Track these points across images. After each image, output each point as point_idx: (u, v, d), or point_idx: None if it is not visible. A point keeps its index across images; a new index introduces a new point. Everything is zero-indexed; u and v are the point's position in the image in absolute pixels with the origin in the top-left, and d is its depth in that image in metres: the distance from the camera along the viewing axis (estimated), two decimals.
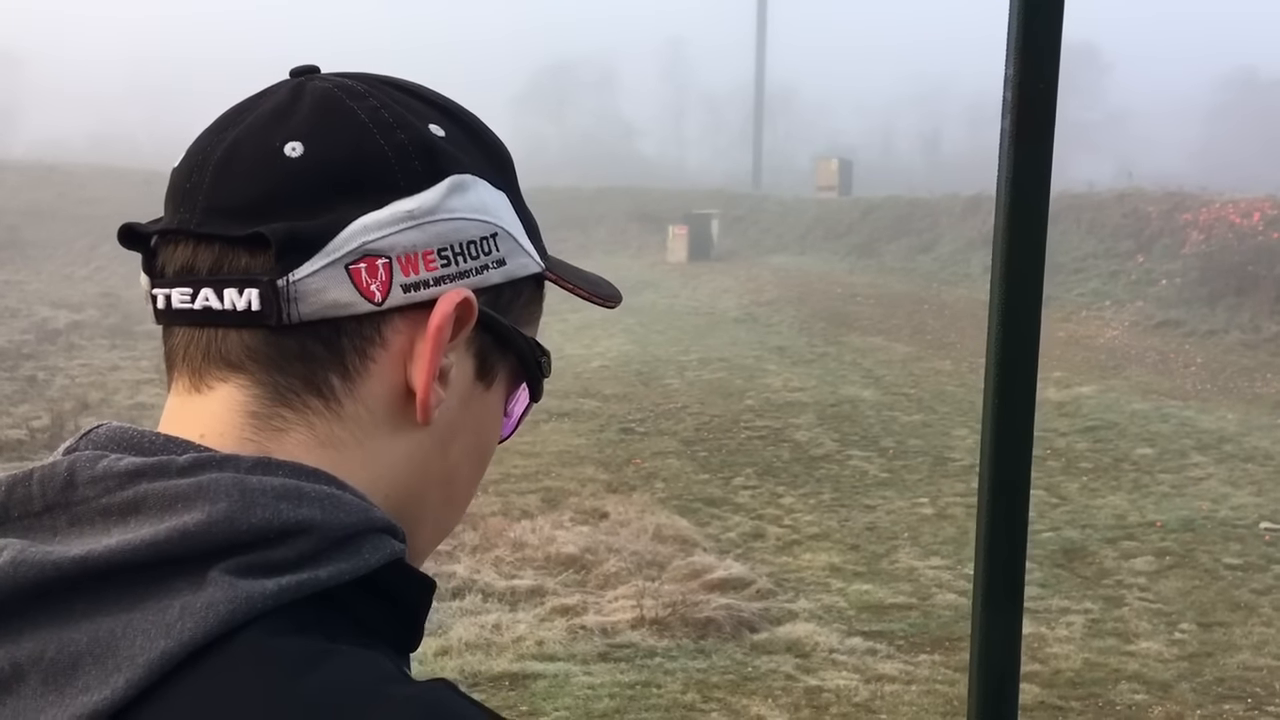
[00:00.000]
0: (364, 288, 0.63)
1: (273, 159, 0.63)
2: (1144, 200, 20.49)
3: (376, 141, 0.64)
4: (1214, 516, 8.44)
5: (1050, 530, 8.18)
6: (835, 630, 6.32)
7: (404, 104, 0.67)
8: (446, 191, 0.65)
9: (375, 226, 0.63)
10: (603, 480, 9.37)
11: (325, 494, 0.60)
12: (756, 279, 21.77)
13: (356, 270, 0.62)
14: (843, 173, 30.16)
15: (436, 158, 0.65)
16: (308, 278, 0.62)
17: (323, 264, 0.62)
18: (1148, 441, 10.63)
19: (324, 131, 0.64)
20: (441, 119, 0.68)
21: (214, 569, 0.55)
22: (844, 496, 9.15)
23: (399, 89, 0.68)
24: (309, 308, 0.62)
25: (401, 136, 0.65)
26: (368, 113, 0.65)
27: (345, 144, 0.64)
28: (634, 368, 14.24)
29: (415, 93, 0.69)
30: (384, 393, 0.65)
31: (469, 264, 0.66)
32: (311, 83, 0.67)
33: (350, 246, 0.62)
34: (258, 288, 0.62)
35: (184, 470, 0.59)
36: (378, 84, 0.68)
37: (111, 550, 0.56)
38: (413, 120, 0.66)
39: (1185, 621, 6.52)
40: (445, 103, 0.70)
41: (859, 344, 15.88)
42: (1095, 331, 16.51)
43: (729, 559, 7.38)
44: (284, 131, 0.64)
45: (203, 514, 0.56)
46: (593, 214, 28.37)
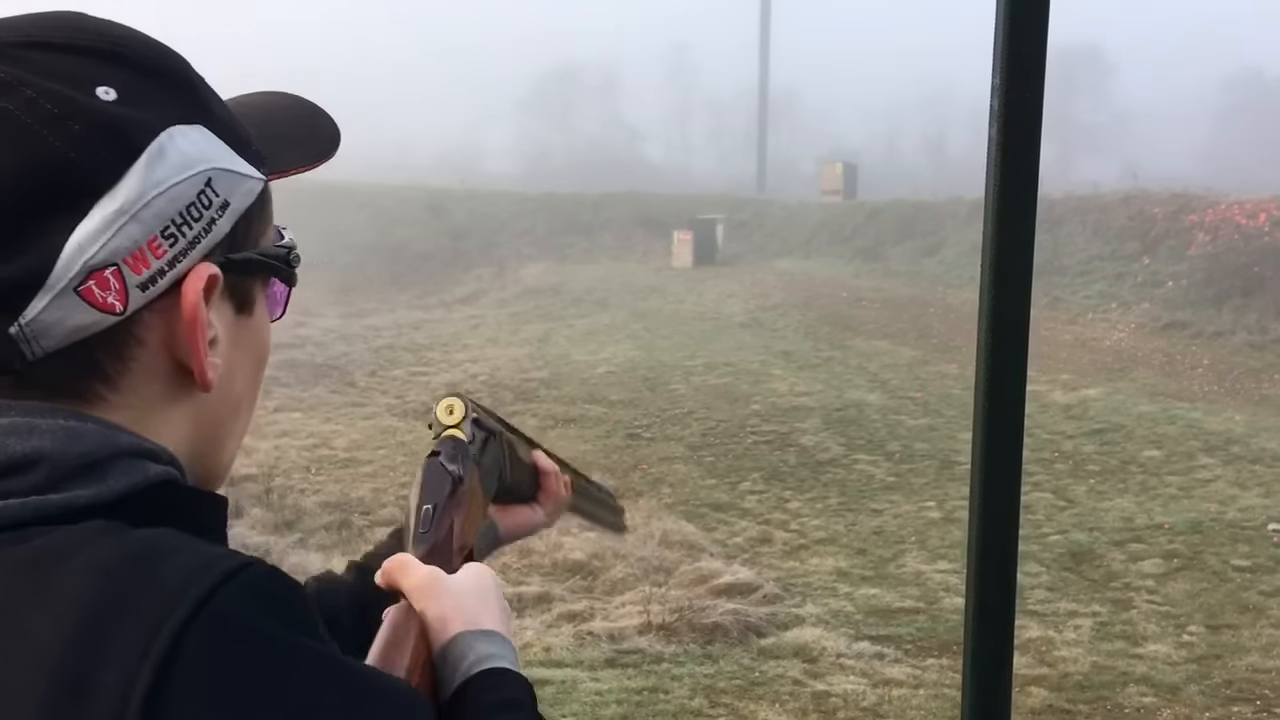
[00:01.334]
0: (101, 303, 0.59)
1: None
2: (1149, 202, 20.45)
3: (51, 145, 0.58)
4: (1222, 518, 8.42)
5: (1058, 533, 8.17)
6: (842, 635, 6.31)
7: (59, 75, 0.60)
8: (146, 167, 0.60)
9: (90, 240, 0.58)
10: (609, 486, 9.36)
11: (60, 426, 0.58)
12: (761, 283, 21.77)
13: (88, 290, 0.59)
14: (847, 176, 30.16)
15: (123, 134, 0.60)
16: (39, 316, 0.58)
17: (49, 298, 0.58)
18: (1155, 444, 10.61)
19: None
20: (108, 72, 0.61)
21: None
22: (850, 501, 9.14)
23: (44, 49, 0.61)
24: (52, 340, 0.59)
25: (76, 127, 0.58)
26: (28, 110, 0.58)
27: (21, 162, 0.57)
28: (640, 373, 14.25)
29: (65, 46, 0.61)
30: (154, 378, 0.63)
31: (195, 229, 0.62)
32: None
33: (72, 271, 0.58)
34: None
35: None
36: (17, 55, 0.60)
37: None
38: (79, 98, 0.59)
39: (1194, 624, 6.50)
40: (100, 42, 0.63)
41: (864, 348, 15.87)
42: (1101, 334, 16.48)
43: (736, 564, 7.38)
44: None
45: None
46: (598, 219, 28.39)
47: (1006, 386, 1.40)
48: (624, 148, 51.32)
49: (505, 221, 28.04)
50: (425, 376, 14.65)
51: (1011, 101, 1.26)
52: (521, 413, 12.27)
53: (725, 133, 54.74)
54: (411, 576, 0.80)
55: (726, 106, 54.76)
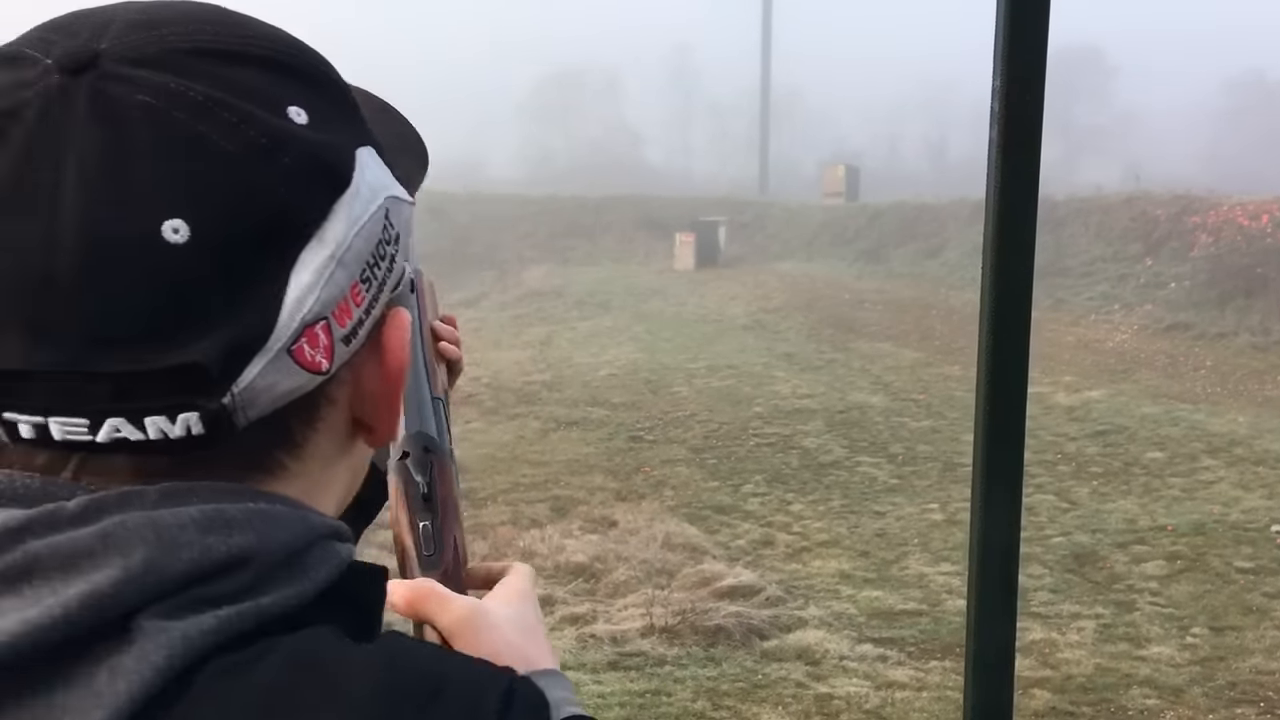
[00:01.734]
0: (310, 363, 0.51)
1: (155, 252, 0.46)
2: (1152, 203, 20.44)
3: (264, 180, 0.49)
4: (1225, 520, 8.41)
5: (1061, 535, 8.16)
6: (845, 637, 6.31)
7: (249, 92, 0.50)
8: (348, 203, 0.52)
9: (306, 292, 0.50)
10: (611, 488, 9.37)
11: (254, 512, 0.50)
12: (764, 285, 21.77)
13: (299, 350, 0.50)
14: (849, 179, 30.17)
15: (329, 166, 0.52)
16: (253, 381, 0.49)
17: (266, 361, 0.49)
18: (1158, 445, 10.59)
19: (199, 189, 0.47)
20: (292, 88, 0.52)
21: (139, 617, 0.46)
22: (853, 503, 9.13)
23: (226, 59, 0.50)
24: (257, 410, 0.50)
25: (286, 161, 0.49)
26: (230, 137, 0.48)
27: (234, 202, 0.48)
28: (642, 376, 14.25)
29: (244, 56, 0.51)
30: (333, 439, 0.56)
31: (383, 269, 0.54)
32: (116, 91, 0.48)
33: (291, 329, 0.50)
34: (197, 410, 0.48)
35: (77, 518, 0.47)
36: (195, 68, 0.49)
37: (15, 635, 0.45)
38: (279, 122, 0.50)
39: (1197, 625, 6.49)
40: (277, 53, 0.53)
41: (867, 350, 15.87)
42: (1104, 335, 16.47)
43: (738, 566, 7.37)
44: (147, 205, 0.46)
45: (116, 570, 0.46)
46: (600, 222, 28.41)
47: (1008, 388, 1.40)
48: (626, 151, 51.34)
49: (507, 224, 28.06)
50: None
51: (1012, 104, 1.27)
52: (524, 415, 12.27)
53: (727, 135, 54.75)
54: (449, 612, 0.70)
55: (728, 109, 54.79)
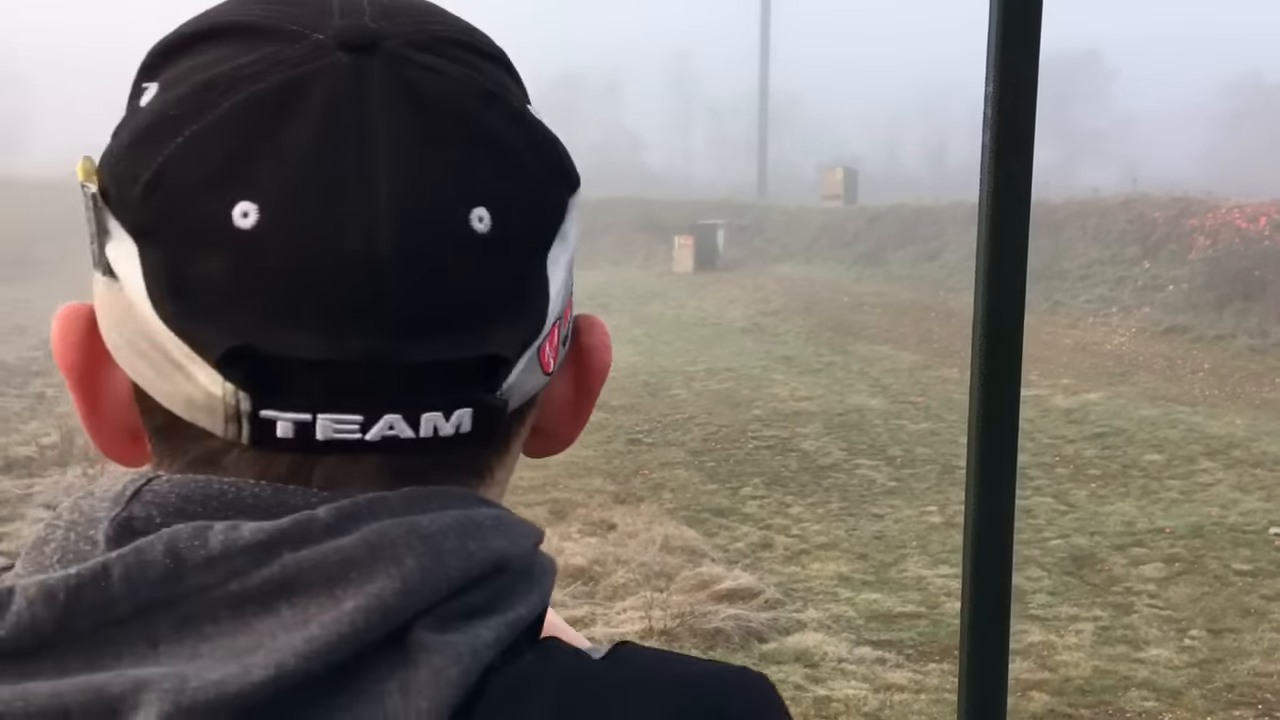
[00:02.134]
0: (545, 362, 0.50)
1: (461, 238, 0.46)
2: (1150, 206, 20.46)
3: (534, 173, 0.49)
4: (1223, 522, 8.42)
5: (1059, 537, 8.17)
6: (844, 640, 6.31)
7: (511, 92, 0.50)
8: (578, 205, 0.52)
9: (559, 292, 0.50)
10: (610, 491, 9.37)
11: (495, 517, 0.48)
12: (763, 288, 21.79)
13: (543, 350, 0.49)
14: (848, 182, 30.19)
15: (565, 166, 0.52)
16: (515, 379, 0.48)
17: (527, 357, 0.49)
18: (1156, 448, 10.61)
19: (495, 178, 0.47)
20: (523, 91, 0.53)
21: (413, 632, 0.43)
22: (852, 505, 9.14)
23: (479, 55, 0.51)
24: (511, 408, 0.49)
25: (550, 156, 0.50)
26: (512, 126, 0.49)
27: (518, 192, 0.48)
28: (641, 378, 14.26)
29: (486, 53, 0.51)
30: (521, 444, 0.55)
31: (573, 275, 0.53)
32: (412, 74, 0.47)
33: (547, 327, 0.49)
34: (473, 406, 0.47)
35: (332, 527, 0.44)
36: (469, 63, 0.49)
37: (304, 656, 0.41)
38: (535, 121, 0.50)
39: (1195, 628, 6.50)
40: (500, 53, 0.53)
41: (866, 353, 15.88)
42: (1102, 338, 16.49)
43: (737, 569, 7.38)
44: (456, 192, 0.46)
45: (393, 580, 0.43)
46: (599, 225, 28.43)
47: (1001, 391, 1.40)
48: (626, 154, 51.39)
49: None
50: None
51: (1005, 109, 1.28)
52: None
53: (726, 139, 54.82)
54: None
55: (727, 113, 54.85)
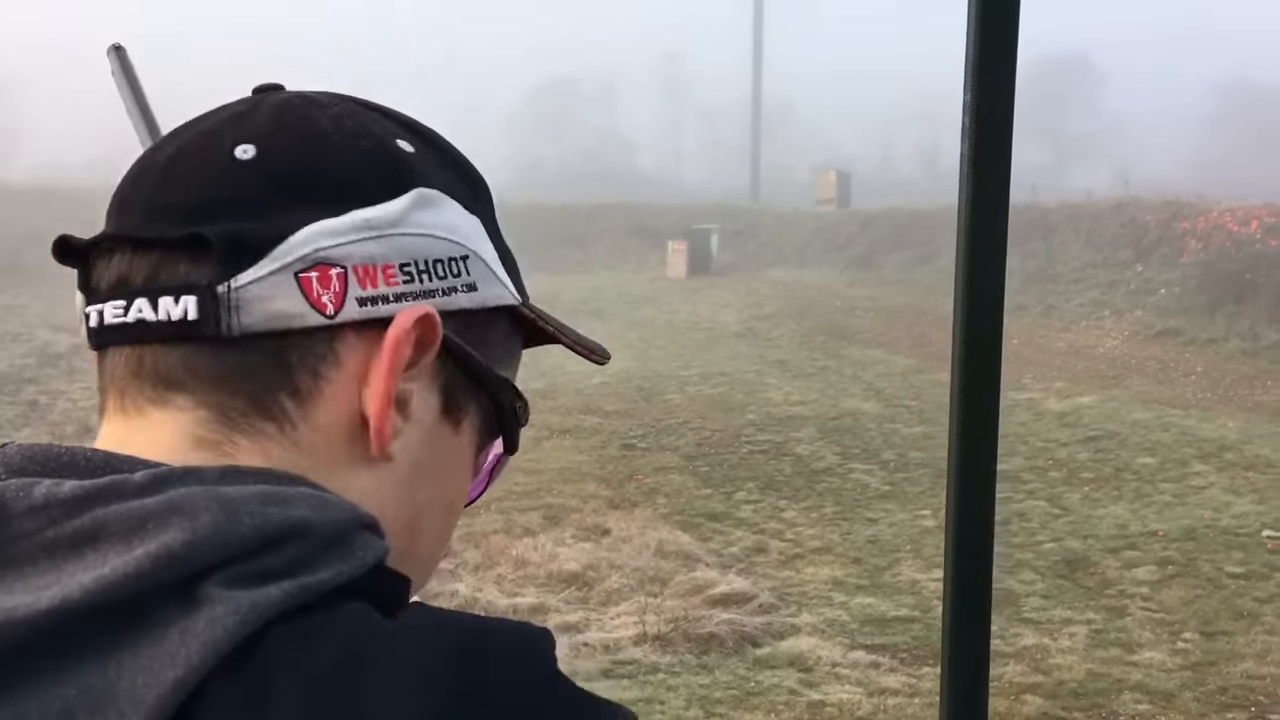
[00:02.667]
0: (314, 298, 0.56)
1: (222, 159, 0.58)
2: (1141, 209, 20.53)
3: (335, 146, 0.59)
4: (1216, 525, 8.44)
5: (1052, 541, 8.18)
6: (838, 644, 6.32)
7: (370, 118, 0.62)
8: (411, 204, 0.59)
9: (330, 233, 0.57)
10: (604, 496, 9.37)
11: (308, 493, 0.53)
12: (756, 293, 21.81)
13: (307, 279, 0.56)
14: (841, 185, 30.25)
15: (402, 170, 0.60)
16: (252, 284, 0.55)
17: (269, 270, 0.56)
18: (1149, 451, 10.63)
19: (279, 134, 0.59)
20: (411, 137, 0.62)
21: (204, 586, 0.48)
22: (846, 510, 9.15)
23: (367, 106, 0.63)
24: (251, 318, 0.56)
25: (365, 144, 0.60)
26: (329, 120, 0.60)
27: (302, 148, 0.59)
28: (635, 383, 14.26)
29: (385, 111, 0.64)
30: (340, 419, 0.58)
31: (435, 283, 0.60)
32: (274, 95, 0.62)
33: (301, 252, 0.56)
34: (195, 294, 0.55)
35: (143, 489, 0.51)
36: (344, 98, 0.63)
37: (89, 591, 0.48)
38: (379, 132, 0.61)
39: (1188, 631, 6.51)
40: (417, 125, 0.65)
41: (859, 357, 15.90)
42: (1095, 341, 16.53)
43: (731, 574, 7.38)
44: (236, 135, 0.59)
45: (184, 532, 0.49)
46: (592, 230, 28.44)
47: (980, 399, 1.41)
48: (618, 159, 51.41)
49: None
50: None
51: (983, 118, 1.28)
52: None
53: (719, 143, 54.85)
54: None
55: (720, 117, 54.87)
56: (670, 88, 59.79)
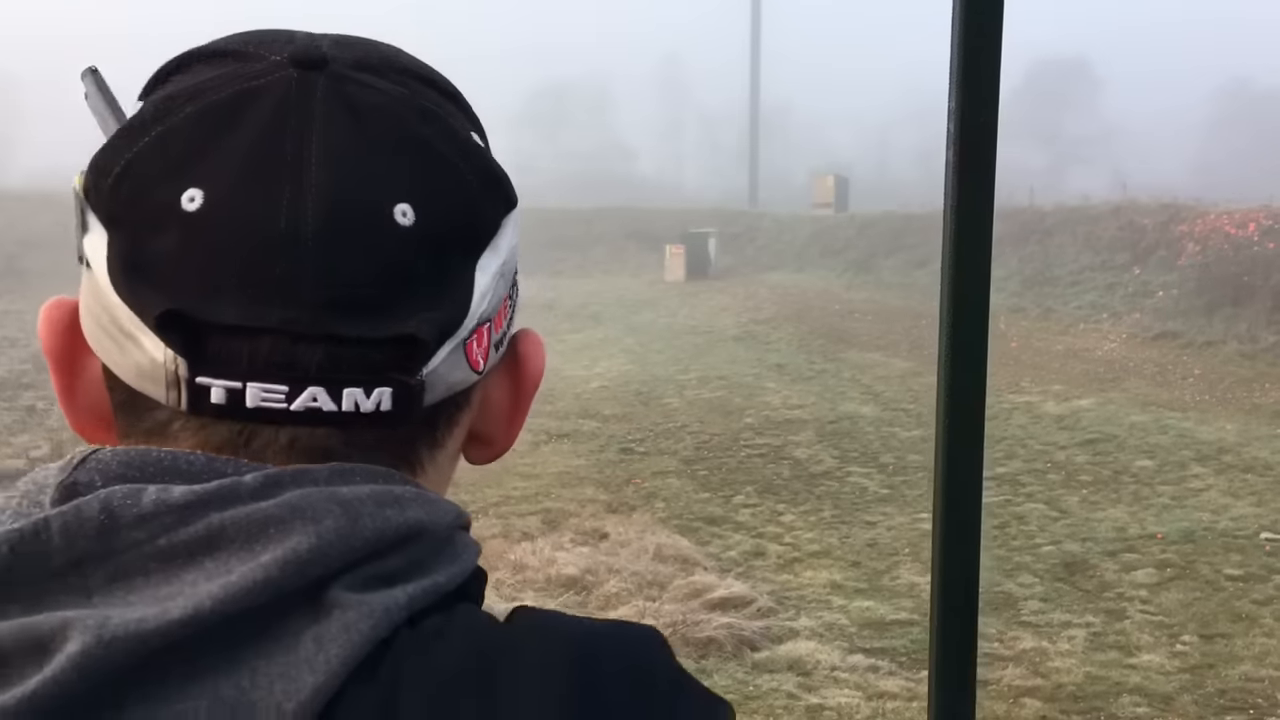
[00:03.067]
0: (473, 361, 0.54)
1: (386, 229, 0.51)
2: (1139, 212, 20.54)
3: (469, 185, 0.54)
4: (1214, 527, 8.44)
5: (1051, 544, 8.18)
6: (837, 648, 6.31)
7: (452, 114, 0.56)
8: (514, 225, 0.57)
9: (485, 292, 0.54)
10: (603, 501, 9.36)
11: (416, 494, 0.52)
12: (754, 297, 21.81)
13: (470, 346, 0.54)
14: (839, 189, 30.26)
15: (503, 184, 0.56)
16: (437, 368, 0.53)
17: (451, 348, 0.53)
18: (1147, 453, 10.63)
19: (424, 181, 0.53)
20: (470, 122, 0.58)
21: (330, 590, 0.48)
22: (844, 513, 9.14)
23: (428, 84, 0.57)
24: (434, 395, 0.53)
25: (484, 168, 0.55)
26: (448, 141, 0.54)
27: (448, 196, 0.53)
28: (633, 387, 14.25)
29: (435, 84, 0.58)
30: (458, 445, 0.59)
31: (518, 292, 0.59)
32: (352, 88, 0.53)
33: (472, 323, 0.54)
34: (392, 387, 0.51)
35: (257, 492, 0.49)
36: (412, 86, 0.56)
37: (219, 600, 0.46)
38: (472, 140, 0.56)
39: (1187, 633, 6.51)
40: (453, 91, 0.59)
41: (857, 360, 15.90)
42: (1093, 344, 16.53)
43: (730, 578, 7.37)
44: (382, 186, 0.51)
45: (309, 536, 0.47)
46: (590, 234, 28.44)
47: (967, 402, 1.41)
48: (616, 163, 51.42)
49: None
50: None
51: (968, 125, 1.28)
52: None
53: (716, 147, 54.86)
54: None
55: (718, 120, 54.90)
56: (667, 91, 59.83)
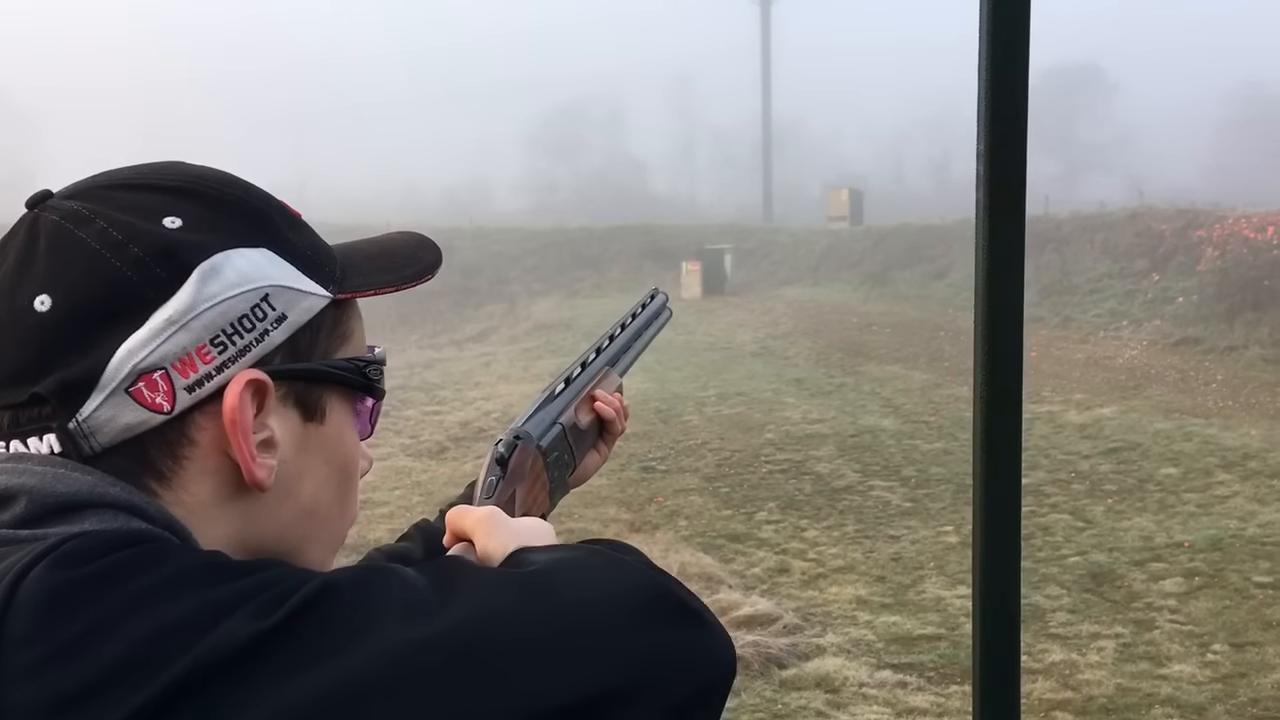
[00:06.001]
0: (150, 403, 0.66)
1: (27, 318, 0.66)
2: (1156, 218, 20.46)
3: (112, 265, 0.66)
4: (1242, 534, 8.37)
5: (1077, 555, 8.13)
6: (864, 663, 6.29)
7: (134, 208, 0.68)
8: (198, 283, 0.67)
9: (140, 346, 0.66)
10: (625, 520, 9.36)
11: (50, 472, 0.65)
12: (771, 312, 21.80)
13: (137, 392, 0.66)
14: (854, 202, 30.25)
15: (176, 255, 0.67)
16: (94, 413, 0.65)
17: (102, 397, 0.65)
18: (1172, 461, 10.56)
19: (62, 273, 0.66)
20: (177, 205, 0.69)
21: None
22: (868, 528, 9.11)
23: (129, 189, 0.70)
24: (107, 436, 0.66)
25: (135, 250, 0.67)
26: (97, 238, 0.67)
27: (86, 280, 0.66)
28: (652, 405, 14.26)
29: (147, 186, 0.70)
30: (206, 477, 0.69)
31: (246, 339, 0.68)
32: (44, 216, 0.69)
33: (122, 374, 0.65)
34: (53, 433, 0.66)
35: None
36: (104, 195, 0.69)
37: None
38: (143, 225, 0.67)
39: (1217, 642, 6.46)
40: (181, 182, 0.71)
41: (877, 373, 15.86)
42: (1114, 352, 16.45)
43: (754, 595, 7.36)
44: (29, 286, 0.66)
45: None
46: (606, 253, 28.50)
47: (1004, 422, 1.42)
48: (631, 181, 51.54)
49: (514, 258, 28.17)
50: (439, 415, 14.68)
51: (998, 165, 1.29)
52: None
53: (730, 162, 54.97)
54: (471, 515, 0.83)
55: (731, 136, 55.00)
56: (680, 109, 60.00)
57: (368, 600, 0.59)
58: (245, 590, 0.58)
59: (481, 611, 0.60)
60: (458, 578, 0.63)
